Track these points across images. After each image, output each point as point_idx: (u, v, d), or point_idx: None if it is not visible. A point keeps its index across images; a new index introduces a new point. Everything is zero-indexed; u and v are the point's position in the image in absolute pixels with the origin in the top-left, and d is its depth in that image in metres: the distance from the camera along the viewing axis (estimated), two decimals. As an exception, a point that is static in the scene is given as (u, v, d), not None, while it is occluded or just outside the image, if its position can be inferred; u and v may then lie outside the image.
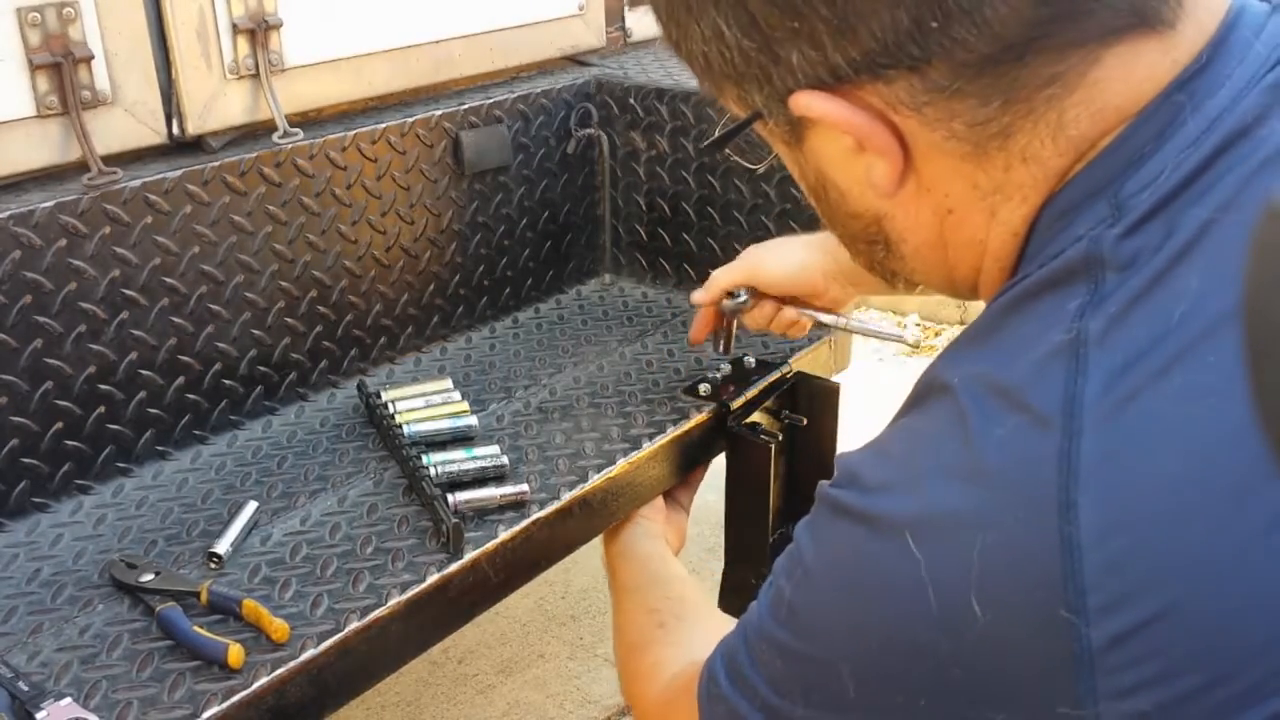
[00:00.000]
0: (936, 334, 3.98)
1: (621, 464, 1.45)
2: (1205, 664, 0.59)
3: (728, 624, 0.88)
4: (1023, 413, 0.63)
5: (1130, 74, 0.67)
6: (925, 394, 0.72)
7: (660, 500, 1.53)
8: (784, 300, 1.51)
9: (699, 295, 1.55)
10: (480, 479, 1.40)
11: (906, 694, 0.67)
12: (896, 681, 0.67)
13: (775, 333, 1.54)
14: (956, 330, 3.96)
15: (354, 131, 1.62)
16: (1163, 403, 0.60)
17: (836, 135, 0.73)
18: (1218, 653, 0.59)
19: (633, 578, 1.37)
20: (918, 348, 1.49)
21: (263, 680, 1.10)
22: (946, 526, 0.64)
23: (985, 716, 0.64)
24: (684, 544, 1.55)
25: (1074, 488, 0.60)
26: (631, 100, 1.92)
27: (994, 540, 0.62)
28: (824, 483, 0.75)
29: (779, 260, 1.49)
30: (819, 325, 1.52)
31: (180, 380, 1.49)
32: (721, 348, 1.61)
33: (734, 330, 1.60)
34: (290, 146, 1.54)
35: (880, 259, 0.82)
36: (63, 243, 1.35)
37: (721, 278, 1.52)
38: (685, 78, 1.93)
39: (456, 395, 1.60)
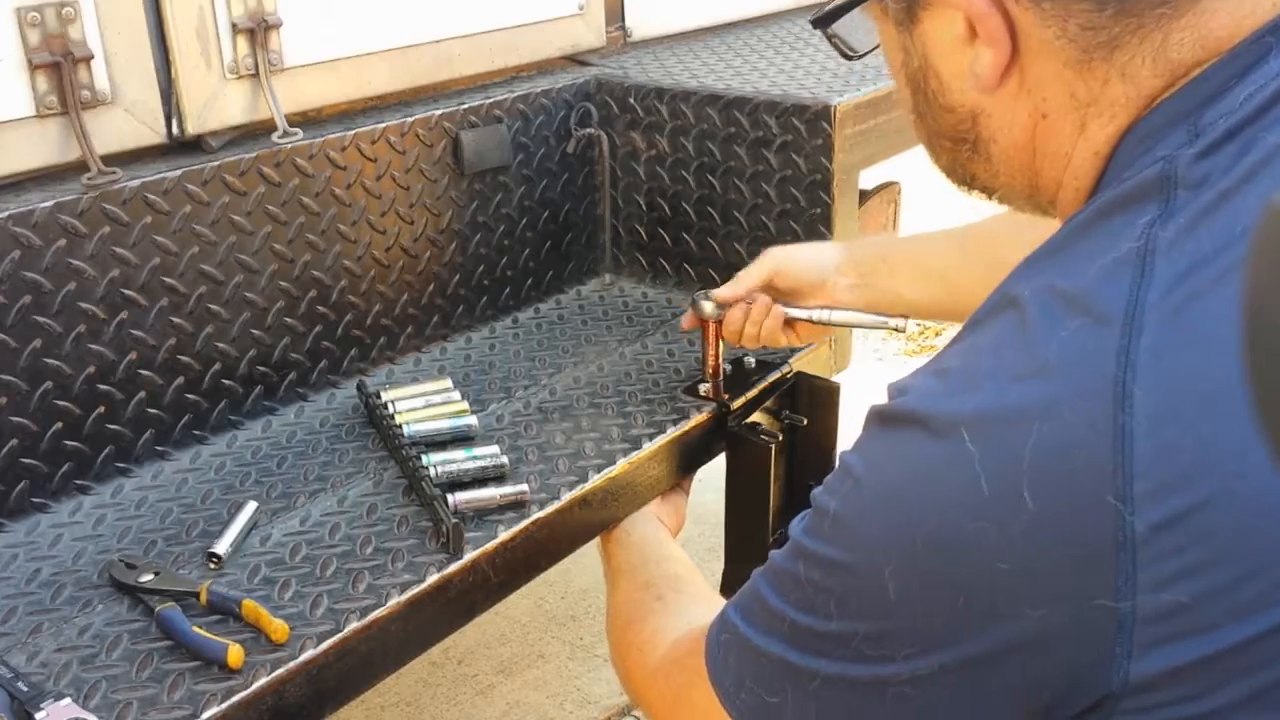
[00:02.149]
0: (937, 334, 3.98)
1: (621, 464, 1.45)
2: (1241, 556, 0.61)
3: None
4: (1086, 315, 0.66)
5: (1238, 9, 0.70)
6: (988, 312, 0.75)
7: None
8: (779, 299, 1.52)
9: (725, 292, 1.54)
10: (480, 479, 1.40)
11: (947, 592, 0.68)
12: (938, 579, 0.68)
13: (751, 346, 1.55)
14: (957, 330, 3.96)
15: (354, 131, 1.62)
16: (1218, 306, 0.63)
17: (949, 20, 0.76)
18: (1254, 545, 0.61)
19: (628, 559, 1.37)
20: (902, 332, 1.48)
21: (262, 680, 1.10)
22: (1004, 420, 0.66)
23: (1022, 613, 0.65)
24: (683, 525, 1.55)
25: (1131, 380, 0.63)
26: (631, 100, 1.92)
27: (1049, 430, 0.64)
28: (874, 405, 0.76)
29: (798, 250, 1.53)
30: (809, 321, 1.53)
31: (180, 380, 1.49)
32: (710, 367, 1.61)
33: (719, 345, 1.60)
34: (290, 146, 1.53)
35: (964, 159, 0.84)
36: (62, 243, 1.34)
37: (745, 276, 1.54)
38: (685, 77, 1.93)
39: (456, 395, 1.60)
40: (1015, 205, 0.86)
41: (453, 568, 1.25)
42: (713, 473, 1.65)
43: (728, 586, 1.62)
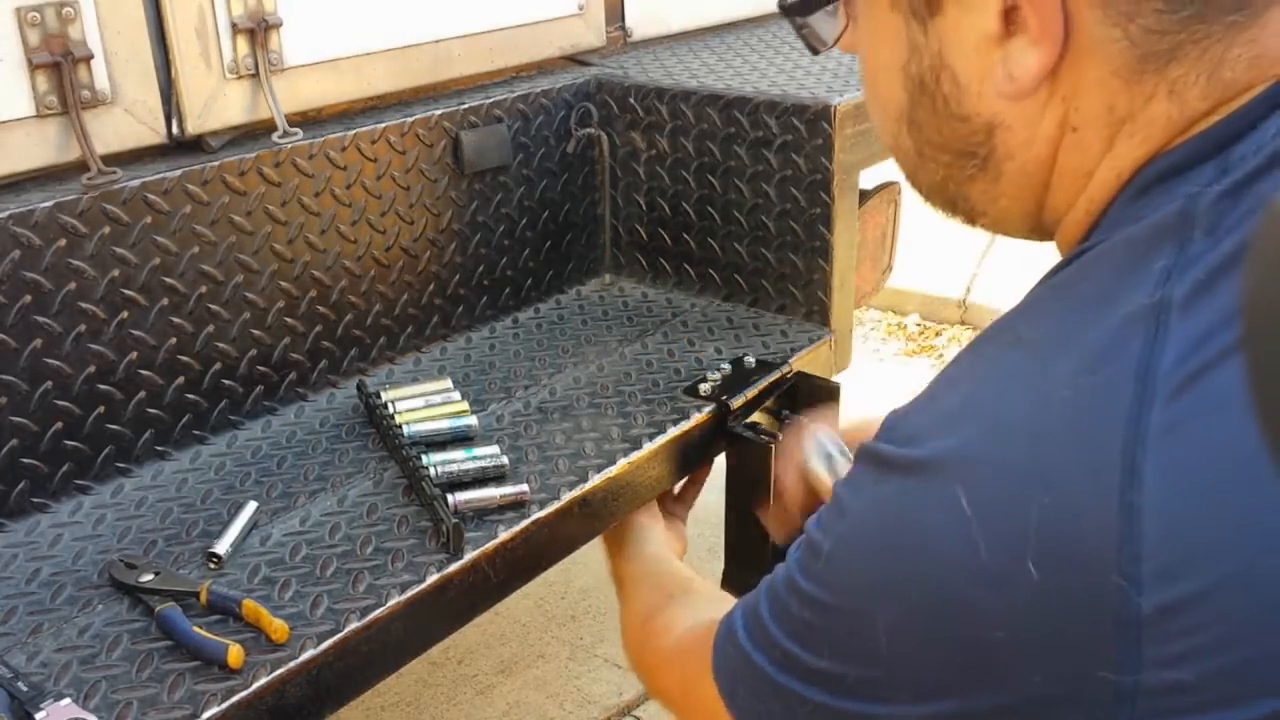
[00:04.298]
0: (937, 333, 3.98)
1: (621, 464, 1.45)
2: (1253, 640, 0.58)
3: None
4: (1094, 375, 0.62)
5: None
6: (987, 345, 0.70)
7: (655, 508, 1.51)
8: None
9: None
10: (480, 479, 1.40)
11: (941, 650, 0.65)
12: (933, 637, 0.65)
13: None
14: (957, 330, 3.96)
15: (354, 131, 1.62)
16: (1236, 378, 0.58)
17: (981, 15, 0.67)
18: (1267, 629, 0.58)
19: (639, 569, 1.36)
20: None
21: (262, 680, 1.10)
22: (1004, 484, 0.63)
23: (1021, 678, 0.63)
24: (685, 551, 1.54)
25: (1140, 454, 0.59)
26: (631, 100, 1.92)
27: (1053, 501, 0.61)
28: (867, 441, 0.72)
29: None
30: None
31: (180, 380, 1.49)
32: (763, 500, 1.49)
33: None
34: (290, 146, 1.53)
35: (964, 178, 0.75)
36: (62, 243, 1.34)
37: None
38: (685, 77, 1.93)
39: (456, 395, 1.59)
40: (1005, 231, 0.79)
41: (453, 568, 1.25)
42: (713, 472, 1.65)
43: (727, 588, 1.62)
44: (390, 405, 1.56)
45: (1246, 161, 0.63)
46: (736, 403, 1.60)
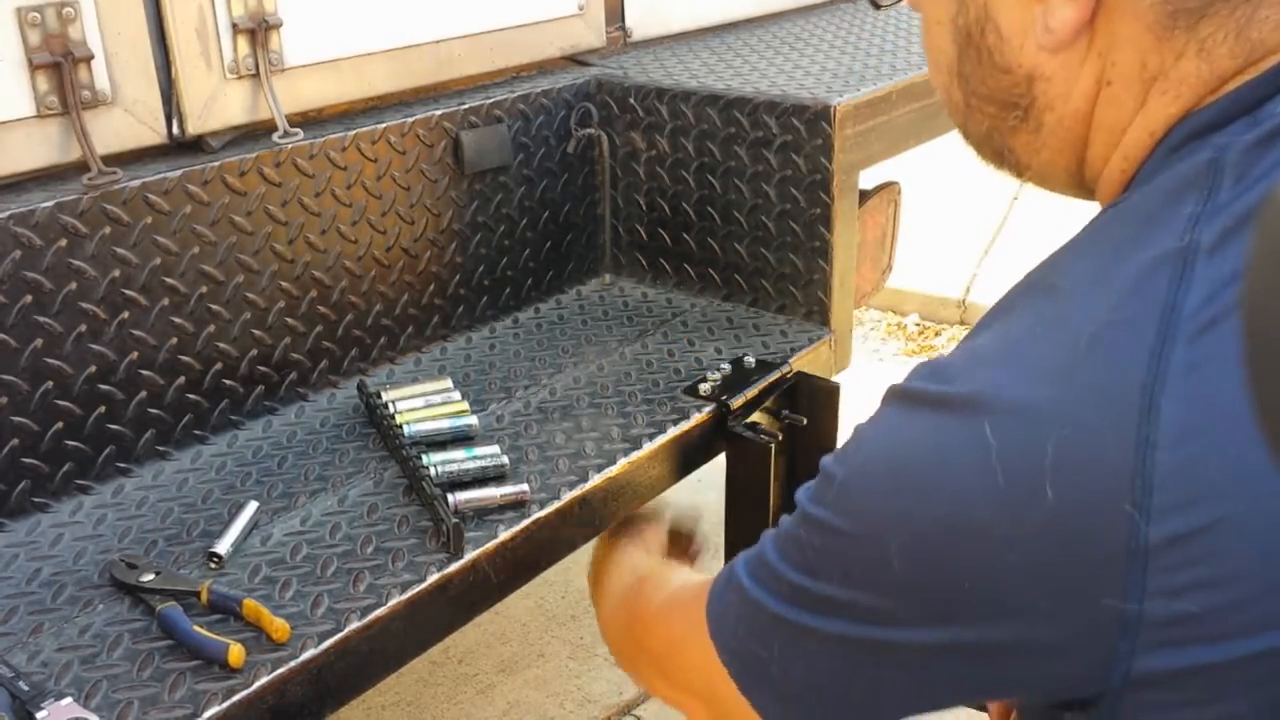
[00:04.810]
0: (936, 333, 3.98)
1: (621, 464, 1.45)
2: (1257, 575, 0.60)
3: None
4: (1119, 312, 0.64)
5: None
6: (1025, 294, 0.72)
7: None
8: None
9: None
10: (480, 479, 1.40)
11: (952, 575, 0.67)
12: (945, 561, 0.67)
13: None
14: (957, 330, 3.96)
15: (354, 131, 1.62)
16: None
17: None
18: (1271, 565, 0.60)
19: (620, 557, 1.33)
20: None
21: (263, 680, 1.10)
22: (1026, 416, 0.64)
23: (1029, 605, 0.64)
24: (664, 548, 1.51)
25: (1159, 391, 0.61)
26: (632, 100, 1.92)
27: (1072, 433, 0.63)
28: (896, 383, 0.74)
29: None
30: None
31: (180, 380, 1.49)
32: None
33: None
34: (290, 146, 1.54)
35: (1007, 129, 0.79)
36: (63, 243, 1.35)
37: None
38: (685, 77, 1.93)
39: (456, 395, 1.60)
40: (1050, 185, 0.82)
41: (453, 567, 1.26)
42: (713, 472, 1.65)
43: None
44: (391, 405, 1.56)
45: (1276, 116, 0.65)
46: (736, 403, 1.60)
